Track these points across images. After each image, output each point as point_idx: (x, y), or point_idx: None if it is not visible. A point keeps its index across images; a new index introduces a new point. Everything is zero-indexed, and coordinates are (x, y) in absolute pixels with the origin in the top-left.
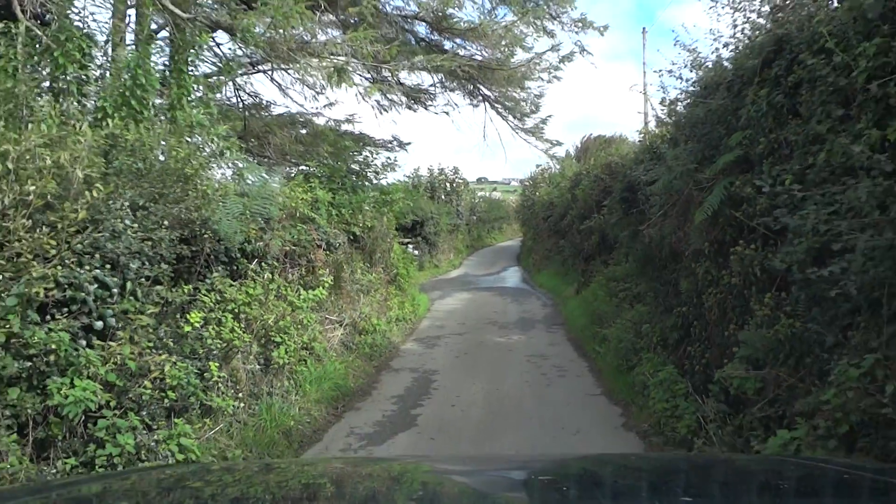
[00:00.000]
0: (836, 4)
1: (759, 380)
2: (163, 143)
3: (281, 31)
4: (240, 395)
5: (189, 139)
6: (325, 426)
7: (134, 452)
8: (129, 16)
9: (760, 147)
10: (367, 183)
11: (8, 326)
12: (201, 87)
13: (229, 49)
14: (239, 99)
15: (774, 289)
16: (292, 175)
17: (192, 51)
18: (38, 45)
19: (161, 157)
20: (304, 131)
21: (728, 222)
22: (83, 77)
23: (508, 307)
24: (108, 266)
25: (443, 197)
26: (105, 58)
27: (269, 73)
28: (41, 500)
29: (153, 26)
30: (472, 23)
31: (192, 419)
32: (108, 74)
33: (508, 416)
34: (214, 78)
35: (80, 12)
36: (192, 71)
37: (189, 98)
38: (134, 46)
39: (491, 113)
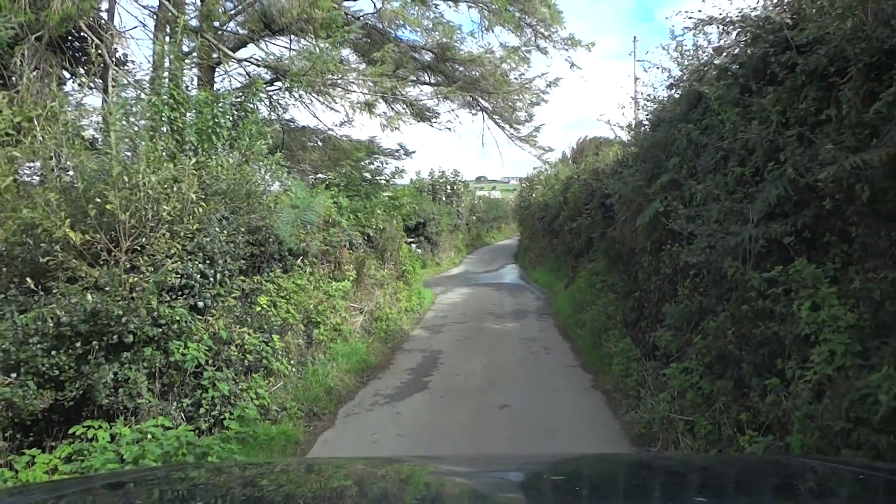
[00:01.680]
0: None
1: (678, 341)
2: (236, 168)
3: (319, 73)
4: (292, 361)
5: (254, 165)
6: (356, 389)
7: (227, 396)
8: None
9: (684, 171)
10: (378, 189)
11: (148, 303)
12: (257, 123)
13: (276, 90)
14: (278, 116)
15: (692, 276)
16: (314, 183)
17: (252, 93)
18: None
19: (233, 178)
20: (320, 143)
21: (663, 227)
22: (174, 117)
23: (505, 300)
24: (206, 262)
25: (444, 198)
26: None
27: (306, 101)
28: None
29: (185, 48)
30: (472, 54)
31: (260, 377)
32: (190, 114)
33: (502, 381)
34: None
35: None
36: (250, 106)
37: (251, 131)
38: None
39: (489, 122)
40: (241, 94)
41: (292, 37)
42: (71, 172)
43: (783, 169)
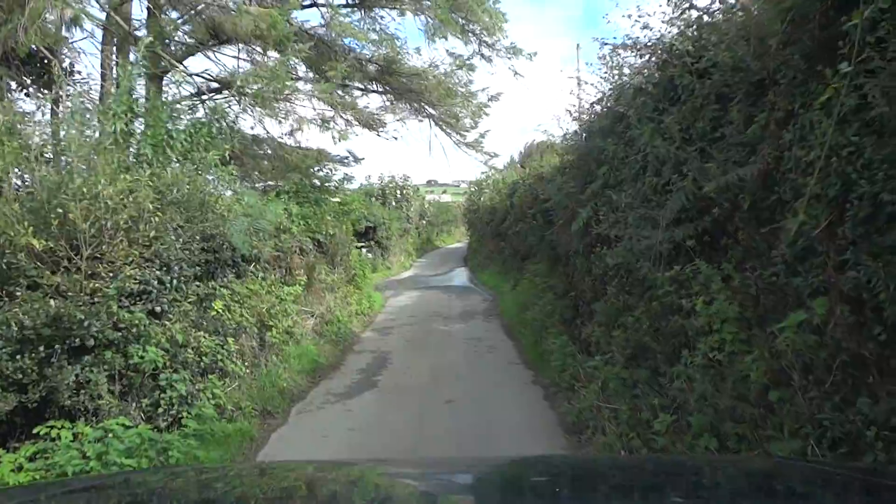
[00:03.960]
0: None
1: (606, 336)
2: (190, 178)
3: (272, 92)
4: (246, 363)
5: (208, 176)
6: (308, 389)
7: (185, 396)
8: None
9: (611, 180)
10: (328, 196)
11: (109, 308)
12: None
13: (230, 108)
14: (230, 129)
15: (619, 276)
16: (265, 190)
17: (210, 110)
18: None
19: (187, 188)
20: (269, 151)
21: (593, 231)
22: (130, 131)
23: (453, 302)
24: (163, 268)
25: (393, 203)
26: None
27: (255, 116)
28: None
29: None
30: (416, 68)
31: (216, 378)
32: (144, 127)
33: (448, 378)
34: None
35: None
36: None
37: (204, 144)
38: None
39: (436, 129)
40: (192, 104)
41: (241, 45)
42: (30, 184)
43: (685, 181)
